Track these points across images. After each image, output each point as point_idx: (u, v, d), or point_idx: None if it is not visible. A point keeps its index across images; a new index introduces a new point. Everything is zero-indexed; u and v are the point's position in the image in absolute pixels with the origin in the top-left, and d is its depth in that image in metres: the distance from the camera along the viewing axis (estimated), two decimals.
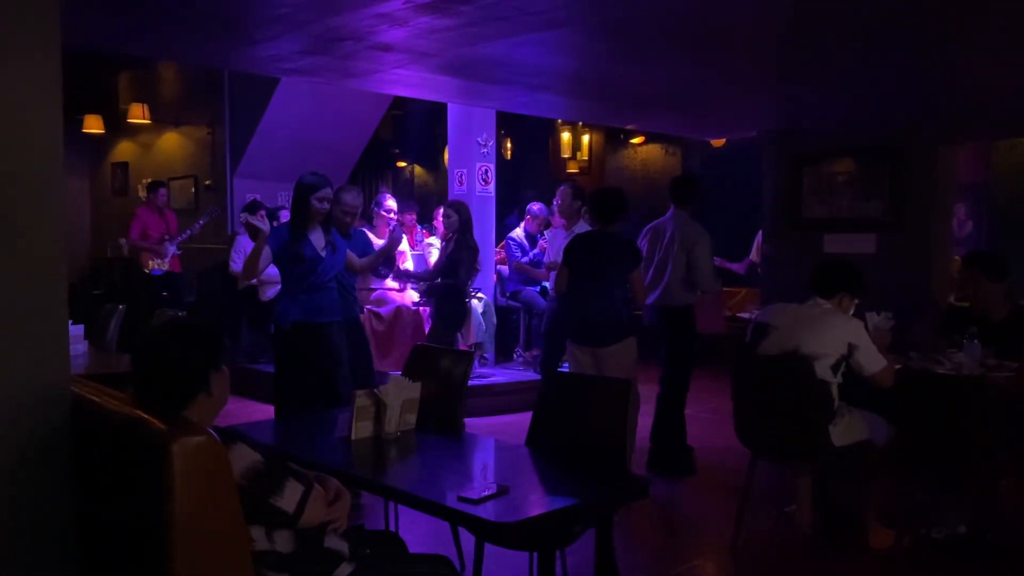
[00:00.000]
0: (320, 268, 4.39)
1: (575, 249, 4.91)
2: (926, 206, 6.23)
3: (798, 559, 3.97)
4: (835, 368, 3.80)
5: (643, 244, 5.47)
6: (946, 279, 6.41)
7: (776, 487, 4.40)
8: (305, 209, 4.36)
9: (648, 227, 5.56)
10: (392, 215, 6.83)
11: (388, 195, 7.18)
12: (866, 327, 3.93)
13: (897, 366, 3.88)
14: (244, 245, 7.95)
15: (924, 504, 4.14)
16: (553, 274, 5.94)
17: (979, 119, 6.11)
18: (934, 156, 6.23)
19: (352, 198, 4.98)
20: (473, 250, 6.44)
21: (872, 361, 3.78)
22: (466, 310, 6.64)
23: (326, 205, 4.37)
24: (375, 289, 7.07)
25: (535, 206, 7.83)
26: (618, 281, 4.78)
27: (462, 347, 6.50)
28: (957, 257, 7.70)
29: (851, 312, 3.99)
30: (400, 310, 6.88)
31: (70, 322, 3.25)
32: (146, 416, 1.88)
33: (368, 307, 6.84)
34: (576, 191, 6.13)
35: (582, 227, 6.02)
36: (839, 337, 3.79)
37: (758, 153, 7.27)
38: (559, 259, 5.85)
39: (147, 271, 8.33)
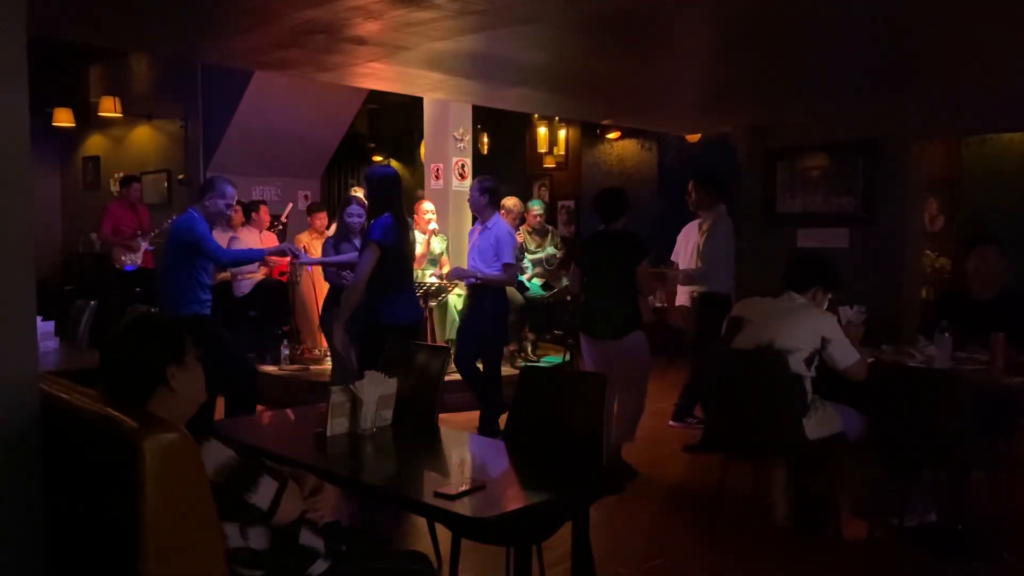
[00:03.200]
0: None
1: (585, 250, 5.27)
2: (898, 201, 6.29)
3: (772, 551, 4.01)
4: (809, 362, 3.84)
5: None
6: (918, 273, 6.49)
7: (751, 480, 4.43)
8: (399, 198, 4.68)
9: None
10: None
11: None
12: (839, 321, 3.97)
13: (870, 359, 3.92)
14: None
15: (896, 495, 4.18)
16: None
17: (950, 115, 6.18)
18: (906, 152, 6.29)
19: (234, 188, 5.11)
20: None
21: (845, 355, 3.82)
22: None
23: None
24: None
25: (509, 201, 7.82)
26: (625, 276, 5.04)
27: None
28: (929, 252, 7.81)
29: (825, 306, 4.02)
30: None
31: (40, 318, 3.22)
32: (117, 413, 1.86)
33: None
34: (483, 186, 5.89)
35: (497, 222, 5.89)
36: (813, 331, 3.82)
37: (733, 148, 7.31)
38: (471, 258, 5.81)
39: (119, 267, 8.23)
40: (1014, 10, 3.75)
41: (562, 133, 11.14)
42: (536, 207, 8.21)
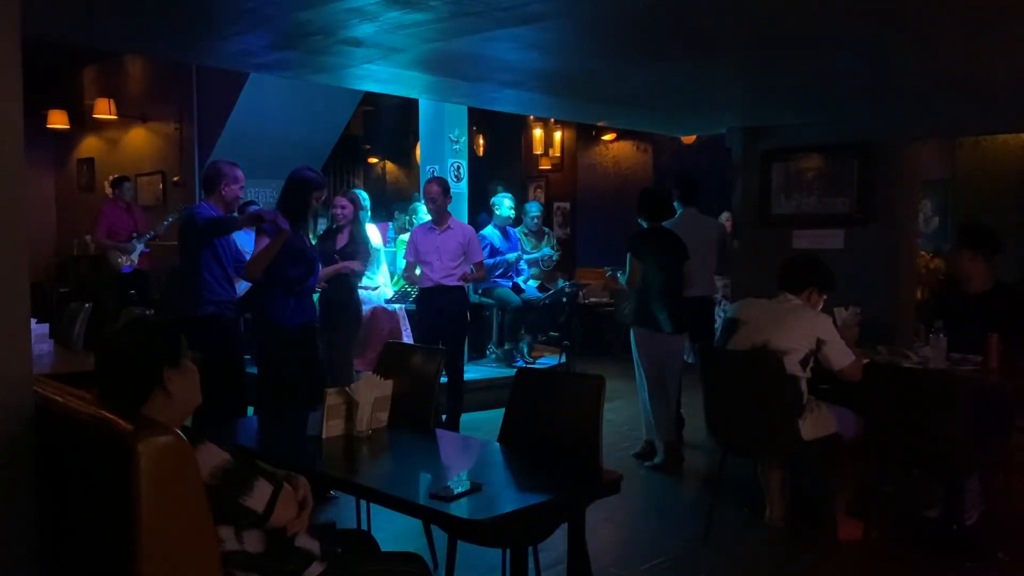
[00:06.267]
0: (317, 269, 4.40)
1: (643, 245, 5.33)
2: (893, 202, 6.31)
3: (768, 552, 4.01)
4: (804, 363, 3.85)
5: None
6: (914, 274, 6.50)
7: (747, 481, 4.43)
8: (305, 205, 4.33)
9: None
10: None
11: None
12: (834, 322, 3.97)
13: (865, 360, 3.92)
14: None
15: (893, 495, 4.20)
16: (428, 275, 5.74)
17: (944, 117, 6.20)
18: (900, 153, 6.31)
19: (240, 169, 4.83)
20: (362, 246, 5.81)
21: (840, 355, 3.82)
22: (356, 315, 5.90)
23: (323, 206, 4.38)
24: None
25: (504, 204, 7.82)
26: (678, 274, 5.29)
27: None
28: (923, 252, 7.83)
29: (820, 307, 4.03)
30: (376, 310, 6.83)
31: (35, 321, 3.21)
32: (112, 416, 1.85)
33: None
34: (446, 187, 5.79)
35: (457, 224, 5.84)
36: (808, 332, 3.83)
37: (728, 149, 7.32)
38: (428, 258, 5.78)
39: (118, 269, 8.21)
40: (1007, 14, 3.76)
41: (557, 135, 11.15)
42: (533, 210, 8.25)
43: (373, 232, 7.05)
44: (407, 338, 6.63)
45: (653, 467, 5.28)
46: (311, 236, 4.43)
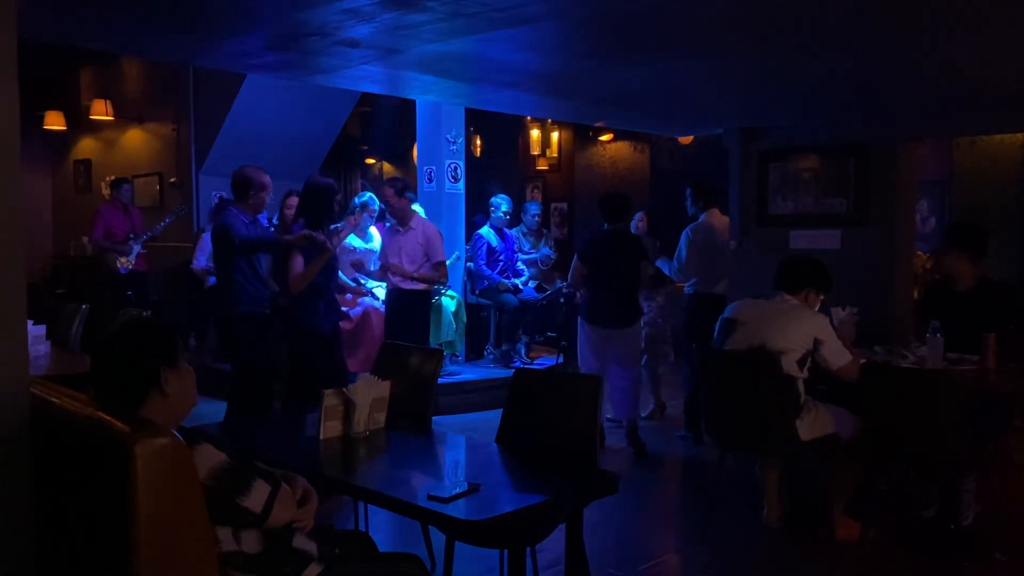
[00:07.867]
0: (336, 271, 4.60)
1: (589, 246, 5.65)
2: (890, 202, 6.31)
3: (766, 552, 4.01)
4: (801, 363, 3.85)
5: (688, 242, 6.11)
6: (910, 274, 6.51)
7: (745, 481, 4.43)
8: (328, 211, 4.56)
9: (693, 227, 6.23)
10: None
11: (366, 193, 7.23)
12: (831, 322, 3.98)
13: (862, 360, 3.93)
14: (207, 243, 7.85)
15: (890, 495, 4.20)
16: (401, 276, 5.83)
17: (940, 117, 6.20)
18: (897, 153, 6.31)
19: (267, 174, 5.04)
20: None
21: (837, 355, 3.83)
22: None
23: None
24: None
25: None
26: (630, 272, 5.53)
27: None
28: (920, 252, 7.84)
29: (817, 307, 4.04)
30: (368, 311, 6.83)
31: (31, 322, 3.21)
32: (108, 418, 1.85)
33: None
34: (399, 188, 5.78)
35: (420, 223, 5.86)
36: (805, 332, 3.83)
37: (725, 150, 7.32)
38: (390, 260, 5.83)
39: (116, 270, 8.21)
40: (1005, 14, 3.76)
41: (555, 135, 11.15)
42: (534, 209, 8.28)
43: (374, 233, 7.07)
44: None
45: None
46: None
